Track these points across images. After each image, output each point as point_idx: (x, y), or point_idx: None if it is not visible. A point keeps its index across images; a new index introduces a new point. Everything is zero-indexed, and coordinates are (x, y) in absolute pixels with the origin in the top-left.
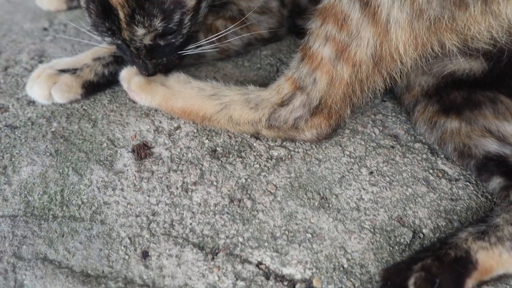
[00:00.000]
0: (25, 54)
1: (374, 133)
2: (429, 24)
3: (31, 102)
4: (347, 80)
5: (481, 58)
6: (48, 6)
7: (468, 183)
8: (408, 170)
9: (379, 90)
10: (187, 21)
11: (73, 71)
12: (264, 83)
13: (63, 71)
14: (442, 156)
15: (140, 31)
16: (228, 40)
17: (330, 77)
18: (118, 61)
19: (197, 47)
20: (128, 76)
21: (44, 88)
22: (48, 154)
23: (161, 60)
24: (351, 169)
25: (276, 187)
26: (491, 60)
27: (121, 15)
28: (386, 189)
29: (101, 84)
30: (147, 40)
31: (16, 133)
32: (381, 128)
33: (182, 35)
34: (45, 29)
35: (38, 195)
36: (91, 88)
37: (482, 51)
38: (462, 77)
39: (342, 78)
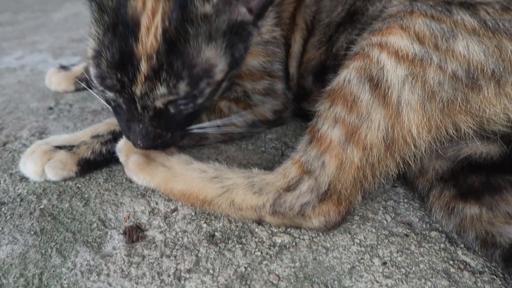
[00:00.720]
0: (26, 130)
1: (386, 220)
2: (442, 106)
3: (24, 178)
4: (357, 164)
5: (499, 141)
6: (56, 87)
7: (495, 277)
8: (426, 261)
9: (392, 175)
10: (208, 94)
11: (69, 147)
12: (268, 167)
13: (59, 147)
14: (462, 245)
15: (161, 90)
16: (232, 121)
17: (339, 161)
18: (117, 139)
19: (201, 128)
20: (126, 150)
21: (38, 164)
22: (32, 232)
23: (165, 133)
24: (362, 258)
25: (279, 278)
26: (510, 143)
27: (144, 68)
28: (402, 282)
29: (98, 162)
30: (160, 103)
31: (3, 209)
32: (393, 215)
33: (194, 105)
34: (50, 108)
35: (13, 277)
36: (87, 166)
37: (500, 133)
38: (479, 161)
39: (353, 162)
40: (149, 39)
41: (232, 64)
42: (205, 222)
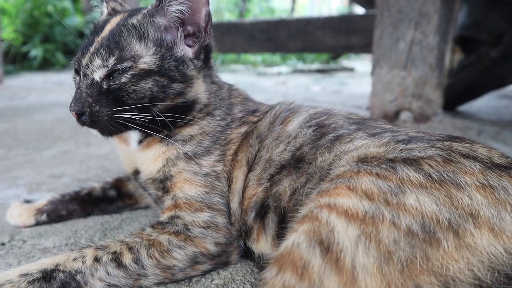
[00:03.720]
0: None
1: None
2: (401, 267)
3: None
4: None
5: None
6: (16, 219)
7: None
8: None
9: None
10: (130, 76)
11: None
12: None
13: None
14: None
15: (97, 61)
16: (172, 256)
17: None
18: (46, 278)
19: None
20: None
21: None
22: None
23: (94, 105)
24: None
25: None
26: None
27: (93, 47)
28: None
29: None
30: (97, 76)
31: None
32: None
33: (120, 84)
34: (2, 244)
35: None
36: None
37: None
38: None
39: None
40: (103, 34)
41: (160, 69)
42: None
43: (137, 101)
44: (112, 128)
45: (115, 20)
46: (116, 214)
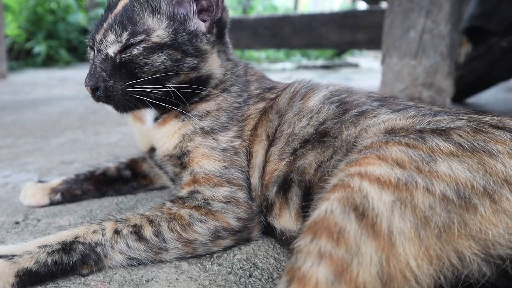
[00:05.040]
0: None
1: None
2: (438, 232)
3: None
4: None
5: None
6: (30, 200)
7: None
8: None
9: None
10: (142, 49)
11: (10, 257)
12: None
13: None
14: None
15: (111, 36)
16: (194, 230)
17: None
18: (66, 250)
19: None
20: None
21: None
22: None
23: (108, 79)
24: None
25: None
26: None
27: (106, 23)
28: None
29: (41, 274)
30: (111, 51)
31: None
32: None
33: (132, 56)
34: (17, 222)
35: None
36: (27, 278)
37: (509, 259)
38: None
39: None
40: (116, 10)
41: (173, 42)
42: None
43: (149, 74)
44: (126, 103)
45: None
46: (130, 194)
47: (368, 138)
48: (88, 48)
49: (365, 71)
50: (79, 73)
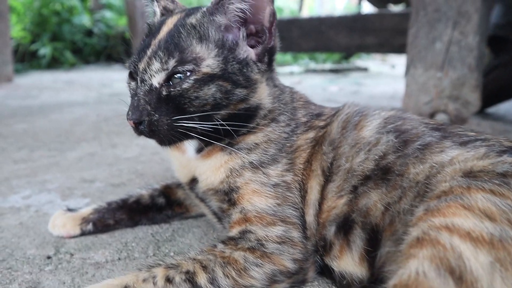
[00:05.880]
0: (16, 285)
1: None
2: None
3: None
4: None
5: None
6: (60, 229)
7: None
8: None
9: None
10: (193, 81)
11: None
12: None
13: None
14: None
15: (156, 65)
16: (250, 275)
17: None
18: None
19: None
20: None
21: None
22: None
23: (153, 113)
24: None
25: None
26: None
27: (150, 50)
28: None
29: None
30: (156, 81)
31: None
32: None
33: (181, 90)
34: (48, 257)
35: None
36: None
37: None
38: None
39: None
40: (160, 35)
41: (224, 73)
42: None
43: (199, 108)
44: (172, 137)
45: (171, 21)
46: (165, 223)
47: (444, 181)
48: (128, 76)
49: (375, 76)
50: (85, 76)
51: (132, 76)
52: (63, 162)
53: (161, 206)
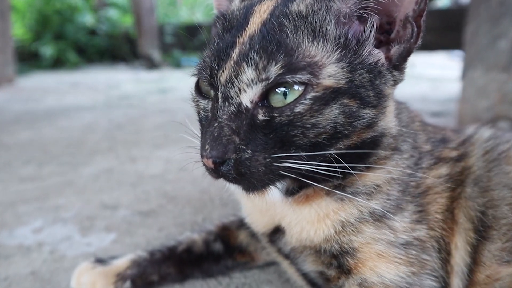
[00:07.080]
0: None
1: None
2: None
3: None
4: None
5: None
6: None
7: None
8: None
9: None
10: (313, 101)
11: None
12: None
13: None
14: None
15: (248, 73)
16: None
17: None
18: None
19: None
20: None
21: None
22: None
23: (243, 147)
24: None
25: None
26: None
27: (235, 52)
28: None
29: None
30: (246, 98)
31: None
32: None
33: (292, 114)
34: None
35: None
36: None
37: None
38: None
39: None
40: (250, 29)
41: (350, 86)
42: None
43: (310, 140)
44: (267, 181)
45: (264, 8)
46: (223, 276)
47: None
48: (194, 90)
49: None
50: (90, 76)
51: (200, 89)
52: (77, 180)
53: (218, 255)
